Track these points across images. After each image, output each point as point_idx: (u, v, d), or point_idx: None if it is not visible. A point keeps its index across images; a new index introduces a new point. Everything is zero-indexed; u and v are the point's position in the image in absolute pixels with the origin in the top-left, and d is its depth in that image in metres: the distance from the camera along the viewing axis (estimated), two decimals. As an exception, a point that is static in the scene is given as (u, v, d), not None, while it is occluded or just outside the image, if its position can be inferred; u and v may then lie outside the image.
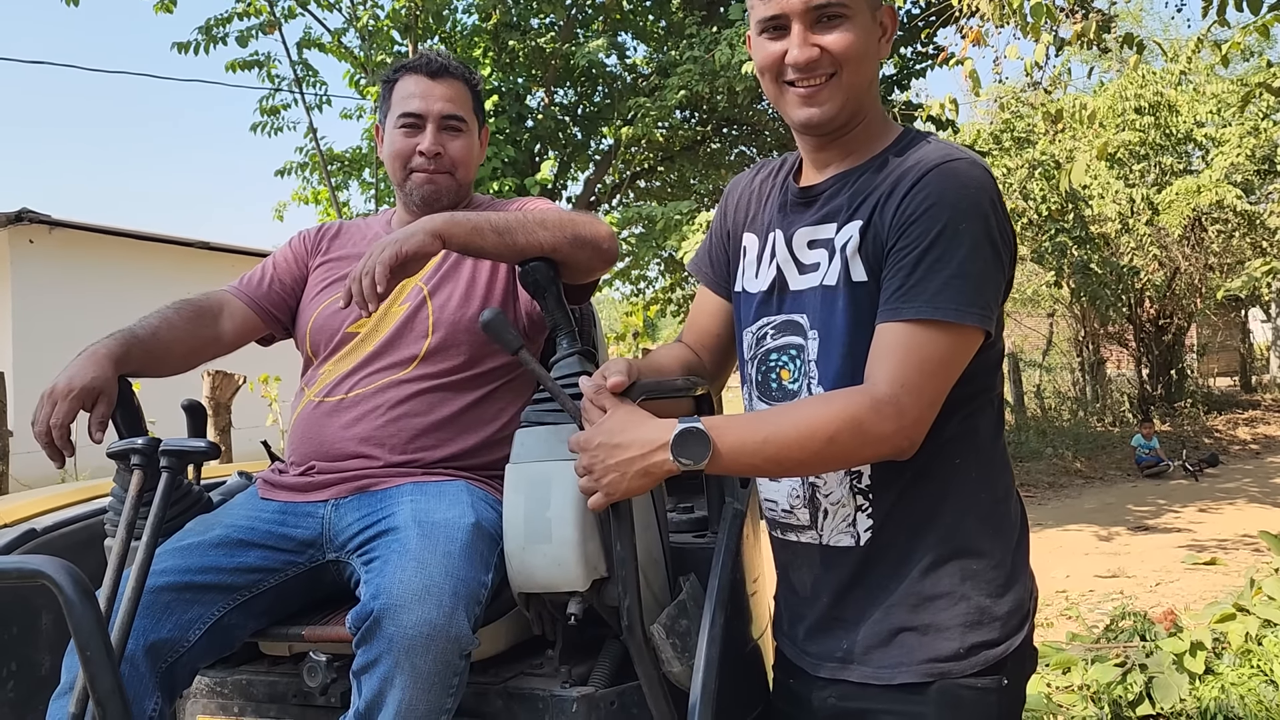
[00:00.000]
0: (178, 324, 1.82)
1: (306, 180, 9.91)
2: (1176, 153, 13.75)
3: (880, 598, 1.37)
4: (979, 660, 1.34)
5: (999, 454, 1.44)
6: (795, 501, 1.44)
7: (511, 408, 1.83)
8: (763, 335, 1.47)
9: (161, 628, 1.51)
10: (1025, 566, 1.44)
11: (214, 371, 6.65)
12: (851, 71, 1.36)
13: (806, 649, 1.46)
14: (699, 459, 1.25)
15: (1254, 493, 9.80)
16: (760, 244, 1.51)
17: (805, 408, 1.31)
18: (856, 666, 1.38)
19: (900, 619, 1.36)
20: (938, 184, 1.30)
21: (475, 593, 1.48)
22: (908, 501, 1.36)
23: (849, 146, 1.43)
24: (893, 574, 1.37)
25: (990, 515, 1.40)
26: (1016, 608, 1.38)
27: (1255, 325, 23.09)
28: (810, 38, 1.35)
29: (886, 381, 1.25)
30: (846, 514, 1.39)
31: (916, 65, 10.69)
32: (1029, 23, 4.81)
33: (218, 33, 8.91)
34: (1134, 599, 5.45)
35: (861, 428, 1.24)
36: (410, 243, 1.52)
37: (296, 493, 1.74)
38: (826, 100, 1.37)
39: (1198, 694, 3.51)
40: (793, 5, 1.34)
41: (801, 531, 1.45)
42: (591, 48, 9.09)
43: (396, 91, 1.96)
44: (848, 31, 1.34)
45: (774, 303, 1.46)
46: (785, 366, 1.44)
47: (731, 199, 1.62)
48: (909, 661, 1.35)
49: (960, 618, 1.35)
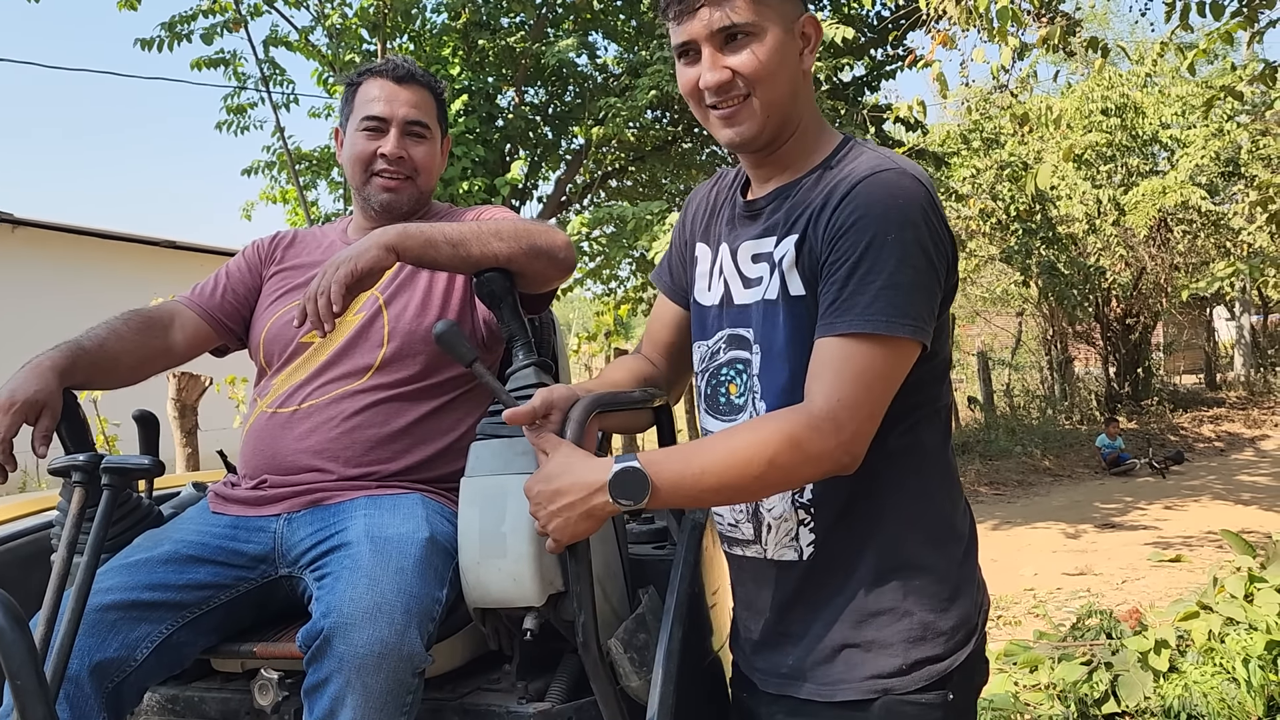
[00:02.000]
0: (126, 335, 1.77)
1: (274, 180, 9.79)
2: (1143, 154, 13.93)
3: (823, 613, 1.37)
4: (922, 676, 1.33)
5: (945, 466, 1.43)
6: (739, 516, 1.43)
7: (470, 418, 1.80)
8: (716, 349, 1.46)
9: (107, 647, 1.48)
10: (973, 579, 1.42)
11: (180, 373, 6.57)
12: (766, 90, 1.35)
13: (755, 664, 1.45)
14: (638, 498, 1.23)
15: (1218, 489, 9.94)
16: (711, 256, 1.51)
17: (740, 434, 1.28)
18: (801, 683, 1.37)
19: (843, 635, 1.35)
20: (865, 196, 1.28)
21: (429, 609, 1.46)
22: (850, 516, 1.35)
23: (784, 160, 1.42)
24: (836, 589, 1.36)
25: (934, 529, 1.39)
26: (962, 622, 1.37)
27: (1220, 324, 23.44)
28: (720, 60, 1.34)
29: (823, 397, 1.24)
30: (789, 528, 1.38)
31: (887, 67, 10.74)
32: (995, 27, 4.84)
33: (182, 30, 8.76)
34: (1101, 597, 5.51)
35: (800, 447, 1.22)
36: (364, 259, 1.49)
37: (248, 506, 1.71)
38: (745, 120, 1.36)
39: (1162, 692, 3.54)
40: (697, 30, 1.34)
41: (747, 546, 1.44)
42: (562, 47, 9.05)
43: (360, 95, 1.94)
44: (756, 51, 1.33)
45: (723, 317, 1.45)
46: (733, 381, 1.43)
47: (690, 209, 1.61)
48: (851, 679, 1.34)
49: (903, 633, 1.34)
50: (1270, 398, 17.85)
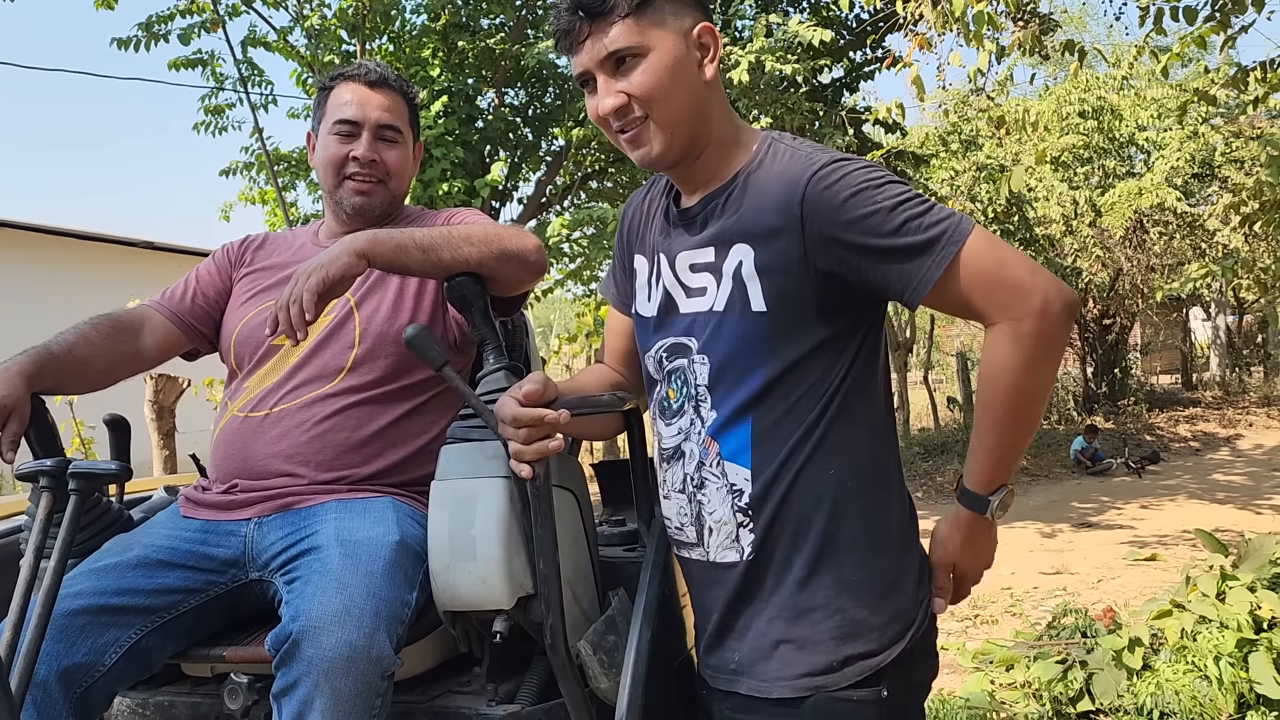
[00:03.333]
0: (95, 340, 1.76)
1: (253, 181, 9.74)
2: (1119, 156, 14.04)
3: (763, 610, 1.38)
4: (853, 672, 1.34)
5: (880, 462, 1.42)
6: (684, 520, 1.44)
7: (441, 420, 1.81)
8: (659, 359, 1.47)
9: (75, 652, 1.47)
10: (912, 574, 1.42)
11: (157, 375, 6.53)
12: (662, 108, 1.35)
13: (706, 662, 1.46)
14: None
15: (1193, 489, 10.04)
16: (649, 267, 1.51)
17: (997, 361, 1.31)
18: (744, 679, 1.38)
19: (779, 632, 1.36)
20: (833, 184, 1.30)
21: (398, 612, 1.46)
22: (785, 516, 1.37)
23: (706, 170, 1.43)
24: (773, 588, 1.38)
25: (868, 525, 1.39)
26: (895, 617, 1.38)
27: (1196, 324, 23.65)
28: (613, 85, 1.35)
29: (1010, 292, 1.27)
30: (729, 531, 1.39)
31: (865, 69, 10.79)
32: (971, 30, 4.87)
33: (159, 30, 8.69)
34: (1077, 595, 5.56)
35: (1040, 338, 1.27)
36: (335, 266, 1.50)
37: (219, 511, 1.70)
38: (648, 141, 1.37)
39: (1135, 690, 3.57)
40: (586, 61, 1.36)
41: (691, 549, 1.45)
42: (542, 48, 9.04)
43: (332, 99, 1.94)
44: (645, 71, 1.34)
45: (665, 326, 1.46)
46: (671, 387, 1.45)
47: (626, 219, 1.61)
48: (786, 675, 1.35)
49: (833, 630, 1.35)
50: (1245, 398, 18.02)
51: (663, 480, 1.48)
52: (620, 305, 1.63)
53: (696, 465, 1.41)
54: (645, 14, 1.34)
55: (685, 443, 1.42)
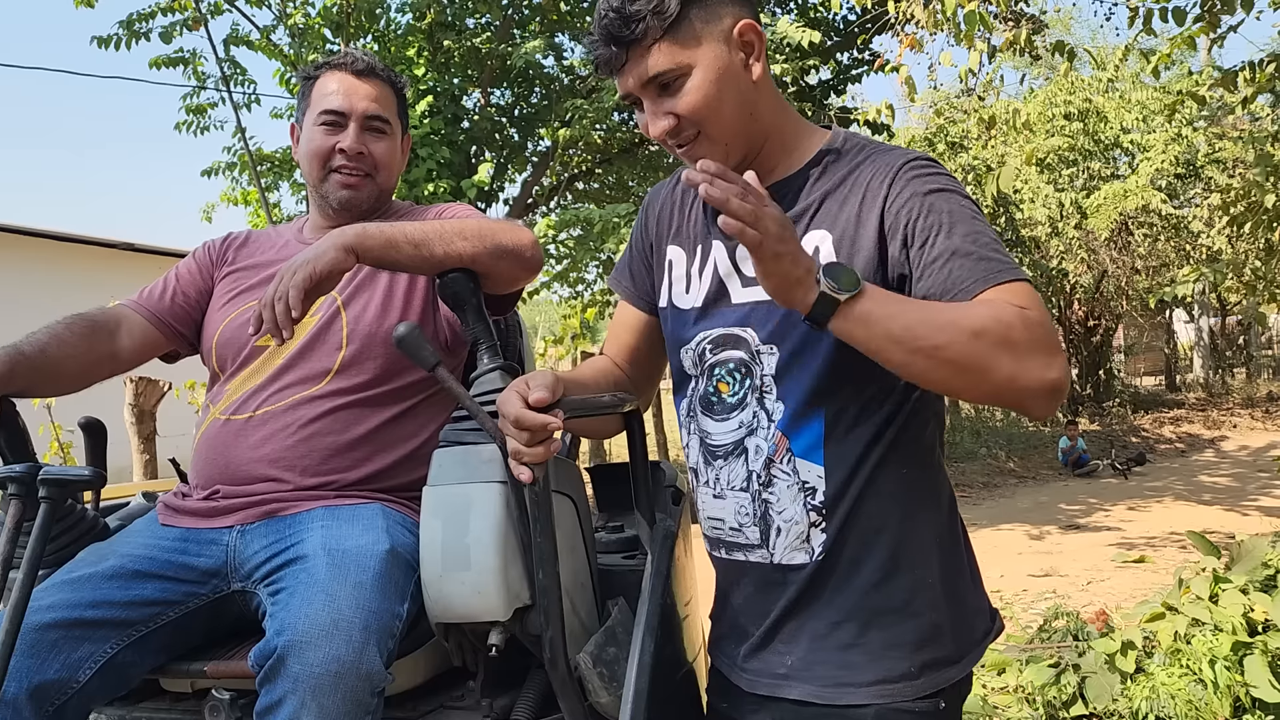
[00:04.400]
0: (69, 340, 1.68)
1: (236, 181, 9.63)
2: (1104, 158, 14.09)
3: (824, 613, 1.33)
4: (929, 682, 1.30)
5: (941, 465, 1.40)
6: (744, 520, 1.38)
7: (433, 423, 1.74)
8: (701, 351, 1.41)
9: (47, 668, 1.40)
10: (978, 582, 1.40)
11: (138, 378, 6.42)
12: (713, 124, 1.31)
13: (746, 666, 1.40)
14: (845, 285, 1.13)
15: (1180, 490, 10.07)
16: (690, 257, 1.45)
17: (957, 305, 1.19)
18: (797, 684, 1.33)
19: (848, 636, 1.31)
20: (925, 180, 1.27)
21: (388, 625, 1.40)
22: (860, 516, 1.31)
23: (770, 160, 1.38)
24: (840, 590, 1.32)
25: (939, 527, 1.36)
26: (967, 622, 1.35)
27: (1179, 326, 23.80)
28: (660, 107, 1.31)
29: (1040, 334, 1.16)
30: (800, 531, 1.33)
31: (853, 71, 10.78)
32: (962, 30, 4.84)
33: (140, 28, 8.59)
34: (1067, 598, 5.54)
35: (1011, 332, 1.13)
36: (322, 262, 1.43)
37: (199, 518, 1.63)
38: (704, 154, 1.32)
39: (1129, 694, 3.55)
40: (630, 85, 1.32)
41: (750, 550, 1.38)
42: (528, 48, 8.98)
43: (317, 89, 1.86)
44: (691, 91, 1.29)
45: (712, 316, 1.40)
46: (723, 380, 1.38)
47: (652, 210, 1.56)
48: (857, 682, 1.30)
49: (910, 635, 1.30)
50: (1228, 399, 18.15)
51: (710, 480, 1.41)
52: (633, 298, 1.57)
53: (765, 462, 1.34)
54: (679, 33, 1.28)
55: (749, 438, 1.35)
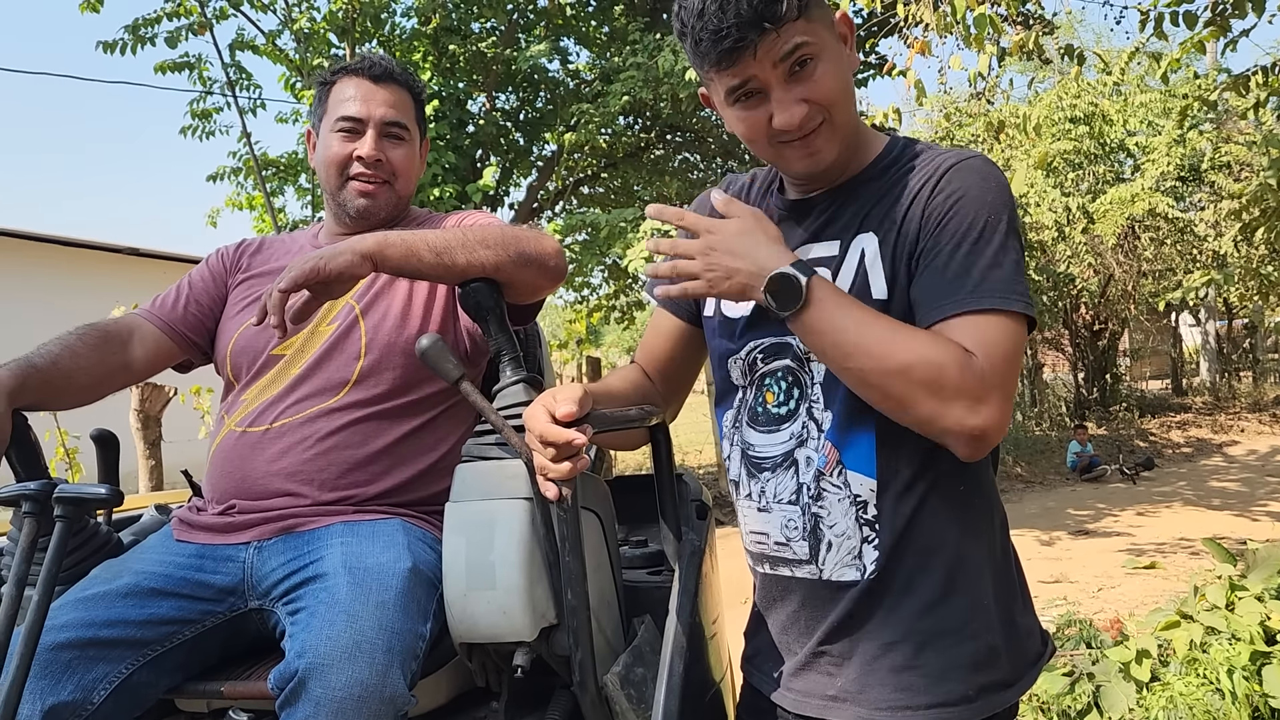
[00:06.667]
0: (81, 351, 1.65)
1: (241, 186, 9.61)
2: (1110, 161, 14.04)
3: (877, 633, 1.28)
4: (986, 705, 1.26)
5: (994, 483, 1.36)
6: (792, 534, 1.33)
7: (453, 436, 1.71)
8: (753, 360, 1.37)
9: (61, 689, 1.36)
10: (1026, 597, 1.36)
11: (144, 384, 6.39)
12: (841, 109, 1.26)
13: (791, 686, 1.36)
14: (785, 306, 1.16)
15: (1189, 495, 10.00)
16: None
17: (908, 329, 1.18)
18: (847, 706, 1.28)
19: (903, 658, 1.27)
20: (964, 179, 1.22)
21: (412, 646, 1.36)
22: (915, 532, 1.27)
23: (837, 167, 1.34)
24: (894, 609, 1.28)
25: (993, 547, 1.32)
26: (1021, 645, 1.31)
27: (1185, 329, 23.71)
28: (792, 93, 1.23)
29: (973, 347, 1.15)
30: (852, 546, 1.29)
31: (859, 75, 10.75)
32: (972, 33, 4.82)
33: (145, 33, 8.58)
34: (1078, 605, 5.49)
35: (942, 374, 1.11)
36: (336, 261, 1.40)
37: (215, 534, 1.59)
38: (823, 146, 1.27)
39: (1146, 703, 3.50)
40: (757, 69, 1.21)
41: (798, 566, 1.34)
42: (533, 53, 8.97)
43: (334, 94, 1.83)
44: (825, 74, 1.23)
45: (763, 324, 1.35)
46: (770, 389, 1.34)
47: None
48: (913, 705, 1.25)
49: (967, 657, 1.26)
50: (1235, 403, 18.05)
51: (754, 492, 1.37)
52: (676, 308, 1.53)
53: (815, 475, 1.29)
54: (811, 14, 1.22)
55: (800, 449, 1.31)
